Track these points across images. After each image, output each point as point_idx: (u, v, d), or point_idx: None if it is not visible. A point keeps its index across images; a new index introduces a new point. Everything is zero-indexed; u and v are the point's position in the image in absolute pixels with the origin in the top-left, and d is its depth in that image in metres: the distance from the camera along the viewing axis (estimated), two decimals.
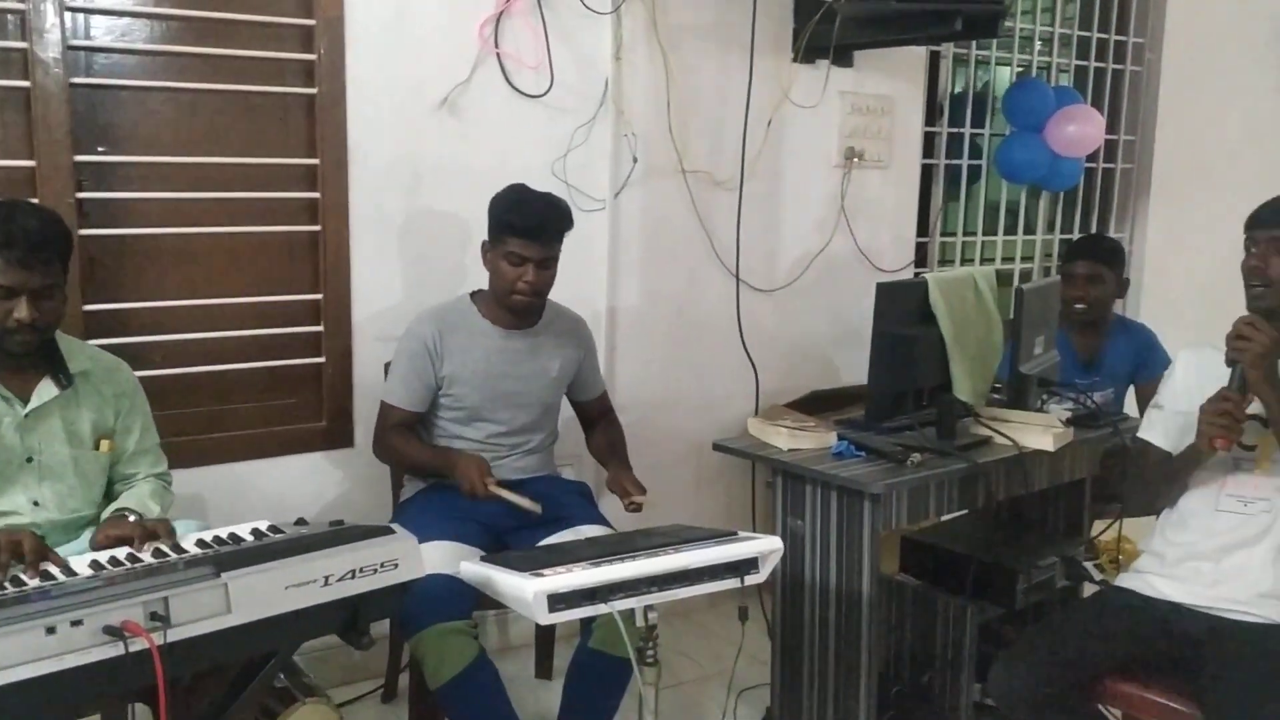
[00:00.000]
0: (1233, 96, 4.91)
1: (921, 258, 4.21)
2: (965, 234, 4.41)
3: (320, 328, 2.96)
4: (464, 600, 2.30)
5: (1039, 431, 2.52)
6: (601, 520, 2.67)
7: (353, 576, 1.72)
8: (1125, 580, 2.37)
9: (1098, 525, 3.20)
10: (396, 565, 1.79)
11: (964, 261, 4.42)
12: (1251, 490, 2.23)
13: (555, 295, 2.81)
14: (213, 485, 2.81)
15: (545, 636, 3.15)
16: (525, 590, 1.81)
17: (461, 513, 2.55)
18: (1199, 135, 4.80)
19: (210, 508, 2.77)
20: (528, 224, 2.56)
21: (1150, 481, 2.39)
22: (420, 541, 2.35)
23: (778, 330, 3.76)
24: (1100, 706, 2.26)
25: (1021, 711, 2.18)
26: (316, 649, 2.89)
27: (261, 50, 2.80)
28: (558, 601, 1.84)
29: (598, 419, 2.93)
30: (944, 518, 3.02)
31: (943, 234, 4.33)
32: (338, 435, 3.00)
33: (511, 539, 2.60)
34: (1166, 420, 2.36)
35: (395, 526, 1.86)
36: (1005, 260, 4.56)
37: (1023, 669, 2.15)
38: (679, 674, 3.25)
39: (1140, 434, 2.43)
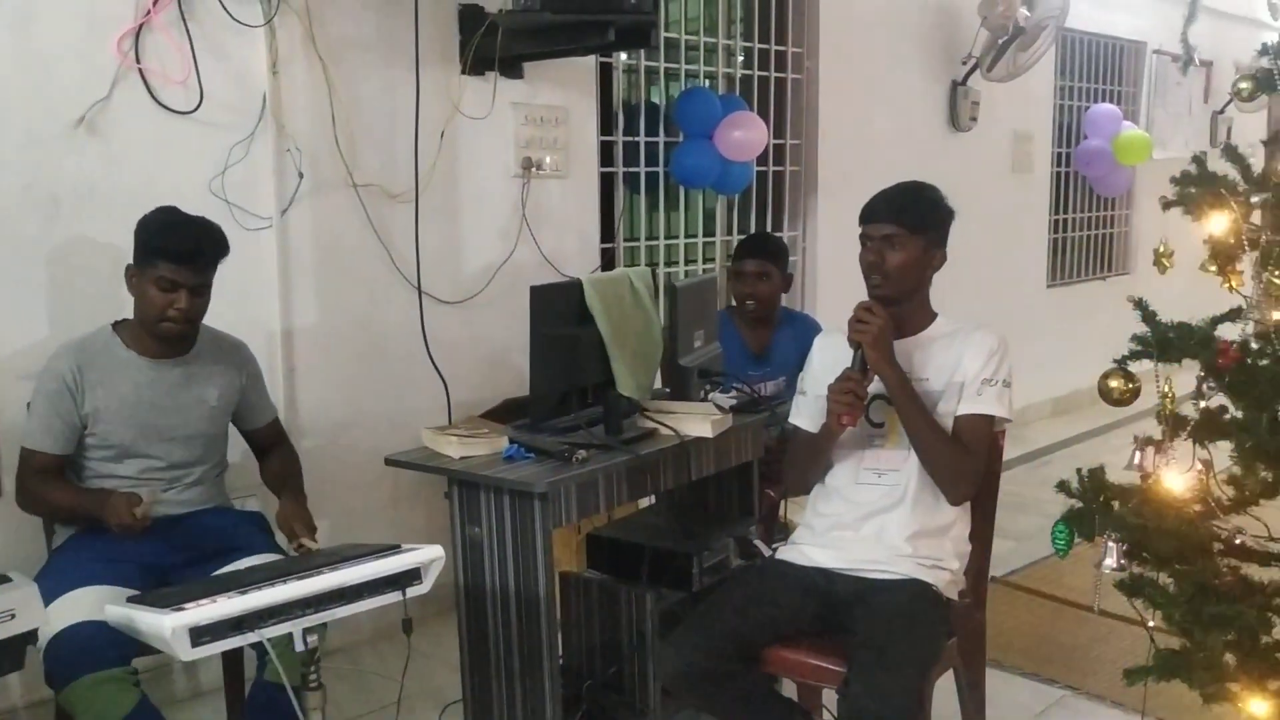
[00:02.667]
0: (883, 100, 5.34)
1: (609, 263, 4.32)
2: (649, 239, 4.57)
3: None
4: (119, 647, 2.15)
5: (699, 420, 2.64)
6: (276, 549, 2.58)
7: None
8: (783, 553, 2.52)
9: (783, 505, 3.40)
10: (13, 615, 1.67)
11: (650, 265, 4.57)
12: (885, 463, 2.41)
13: (221, 318, 2.70)
14: None
15: (234, 678, 3.00)
16: (163, 626, 1.73)
17: (118, 554, 2.40)
18: (856, 136, 5.18)
19: None
20: (181, 248, 2.43)
21: (799, 462, 2.55)
22: (70, 589, 2.27)
23: (467, 341, 3.76)
24: (773, 675, 2.39)
25: (689, 688, 2.27)
26: None
27: None
28: (201, 635, 1.78)
29: (270, 447, 2.83)
30: (642, 506, 3.12)
31: (627, 239, 4.47)
32: None
33: (175, 576, 2.46)
34: (810, 405, 2.52)
35: (14, 575, 1.73)
36: (689, 262, 4.76)
37: (687, 647, 2.24)
38: (384, 696, 3.18)
39: (790, 419, 2.59)
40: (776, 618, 2.33)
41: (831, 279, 5.12)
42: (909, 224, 2.34)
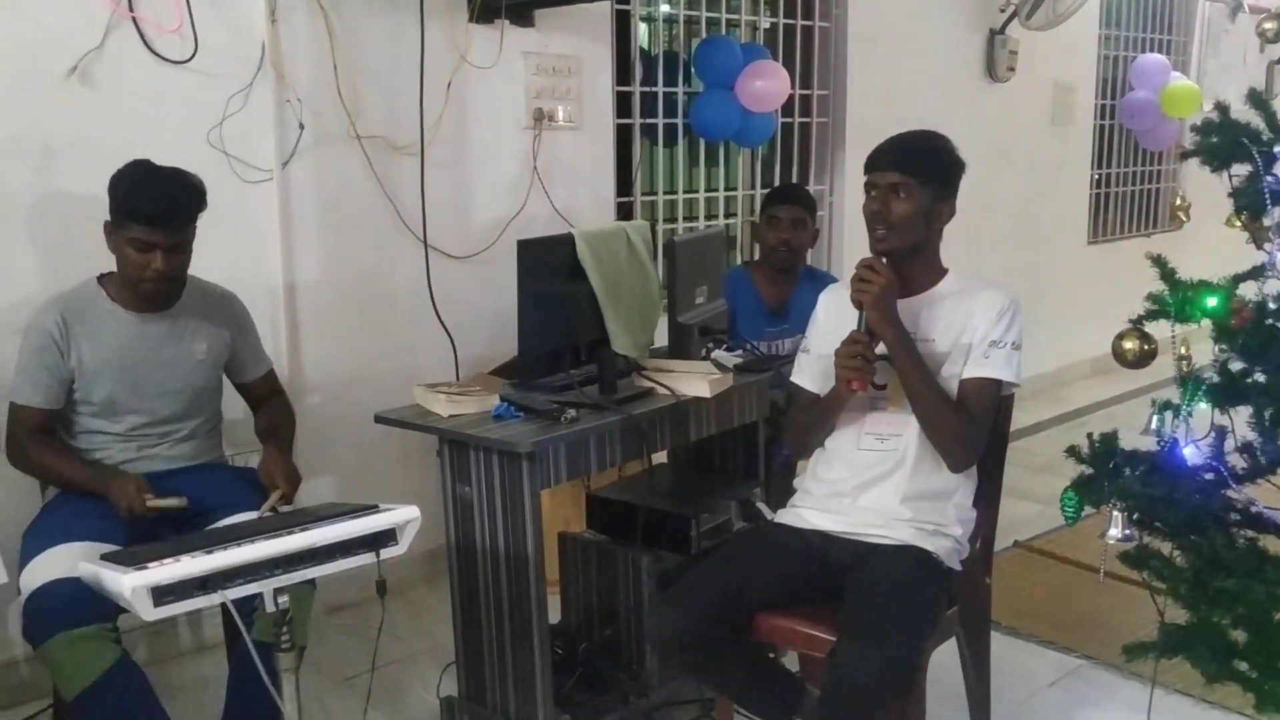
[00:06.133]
0: (915, 49, 5.15)
1: (626, 217, 4.22)
2: (668, 193, 4.46)
3: None
4: (99, 604, 2.11)
5: (697, 379, 2.55)
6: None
7: None
8: (781, 515, 2.43)
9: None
10: None
11: (669, 219, 4.47)
12: (887, 427, 2.31)
13: (221, 272, 2.66)
14: None
15: (234, 633, 2.99)
16: (123, 585, 1.70)
17: (106, 510, 2.37)
18: (886, 87, 5.01)
19: None
20: (154, 210, 2.36)
21: (801, 424, 2.45)
22: (53, 544, 2.25)
23: (476, 297, 3.69)
24: (764, 642, 2.32)
25: (678, 653, 2.21)
26: None
27: None
28: (165, 594, 1.75)
29: (264, 400, 2.78)
30: (656, 464, 3.04)
31: (646, 193, 4.36)
32: None
33: (164, 533, 2.44)
34: (813, 364, 2.43)
35: None
36: (710, 217, 4.65)
37: (676, 612, 2.17)
38: (387, 654, 3.16)
39: (792, 379, 2.50)
40: (769, 582, 2.25)
41: (858, 235, 4.92)
42: (916, 172, 2.23)
